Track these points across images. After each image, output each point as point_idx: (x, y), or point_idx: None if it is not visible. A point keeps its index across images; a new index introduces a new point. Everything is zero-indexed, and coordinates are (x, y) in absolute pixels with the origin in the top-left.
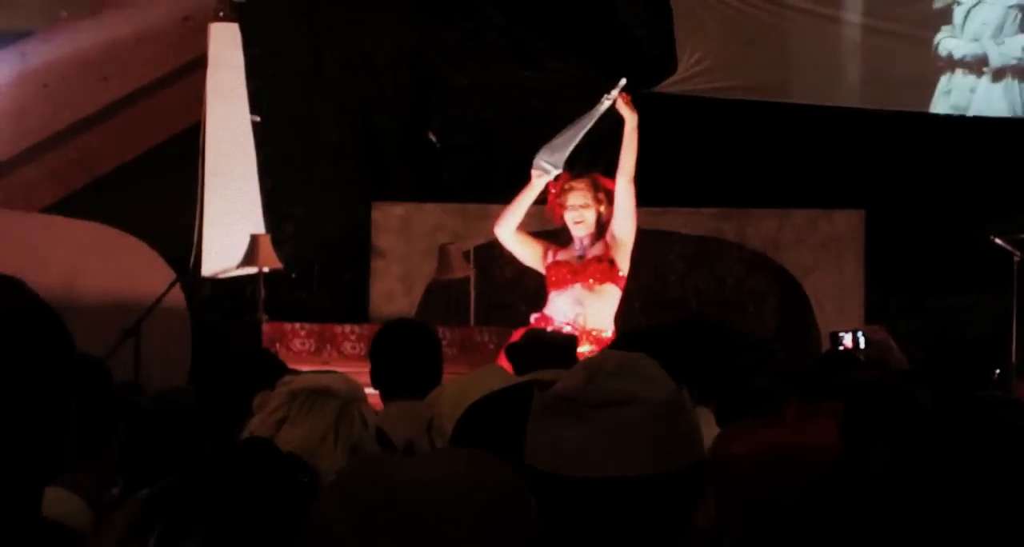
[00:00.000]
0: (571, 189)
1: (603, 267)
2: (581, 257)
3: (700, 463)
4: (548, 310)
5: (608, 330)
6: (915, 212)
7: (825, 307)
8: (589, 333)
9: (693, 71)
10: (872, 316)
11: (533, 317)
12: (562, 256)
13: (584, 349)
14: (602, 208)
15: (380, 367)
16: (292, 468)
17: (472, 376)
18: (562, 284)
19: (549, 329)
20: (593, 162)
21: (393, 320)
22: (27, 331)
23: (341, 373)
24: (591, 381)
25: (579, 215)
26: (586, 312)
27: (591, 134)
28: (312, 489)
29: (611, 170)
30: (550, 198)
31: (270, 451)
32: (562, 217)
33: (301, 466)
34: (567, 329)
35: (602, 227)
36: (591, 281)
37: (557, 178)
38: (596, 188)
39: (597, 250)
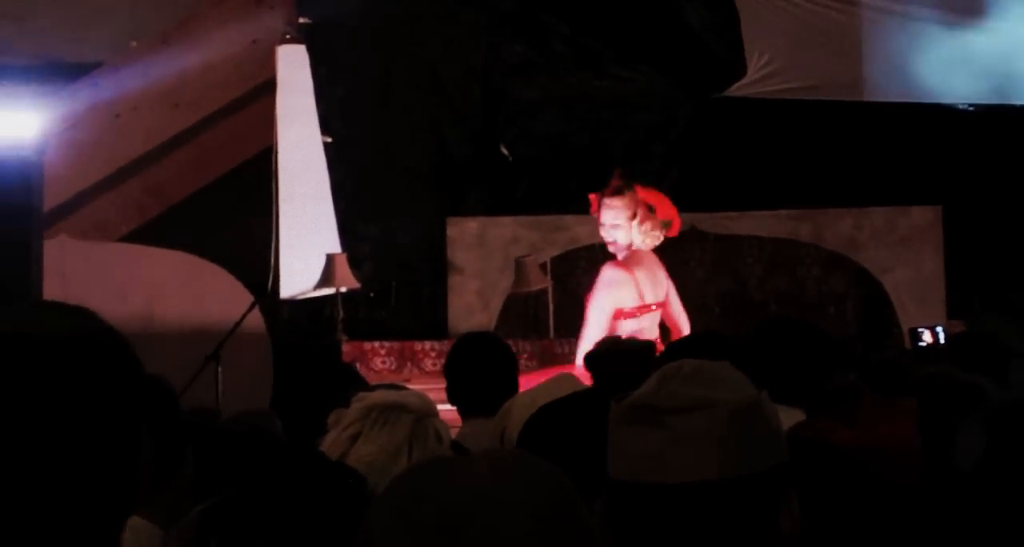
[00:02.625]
0: (606, 205)
1: (664, 299)
2: (652, 289)
3: (783, 465)
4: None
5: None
6: (993, 206)
7: (906, 305)
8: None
9: (762, 73)
10: (955, 312)
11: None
12: (642, 285)
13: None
14: (635, 223)
15: (455, 383)
16: (343, 478)
17: (543, 385)
18: (637, 315)
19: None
20: (662, 176)
21: (466, 335)
22: (95, 358)
23: (415, 390)
24: (665, 387)
25: (610, 235)
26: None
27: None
28: (364, 498)
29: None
30: (591, 209)
31: (321, 463)
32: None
33: (350, 475)
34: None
35: (641, 241)
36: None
37: (602, 190)
38: (634, 204)
39: (659, 277)
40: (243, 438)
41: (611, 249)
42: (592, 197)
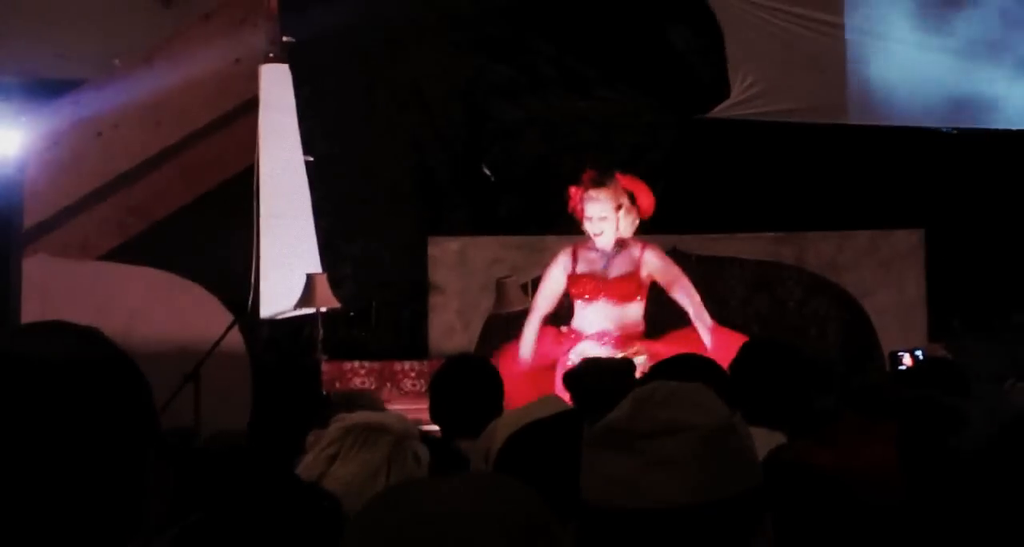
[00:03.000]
0: (591, 199)
1: (630, 288)
2: (605, 268)
3: (757, 489)
4: (577, 322)
5: (640, 325)
6: (975, 229)
7: (888, 328)
8: (622, 338)
9: (746, 95)
10: (936, 335)
11: (564, 329)
12: (584, 266)
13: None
14: (622, 214)
15: (440, 404)
16: (316, 500)
17: (528, 406)
18: (588, 296)
19: (595, 351)
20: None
21: (453, 357)
22: (105, 381)
23: (396, 411)
24: (638, 411)
25: (597, 227)
26: (616, 323)
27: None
28: (339, 521)
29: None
30: (571, 203)
31: (294, 485)
32: (578, 216)
33: (325, 497)
34: (602, 341)
35: (625, 229)
36: (617, 299)
37: (579, 179)
38: (618, 195)
39: (625, 264)
40: (219, 459)
41: (598, 243)
42: (572, 190)
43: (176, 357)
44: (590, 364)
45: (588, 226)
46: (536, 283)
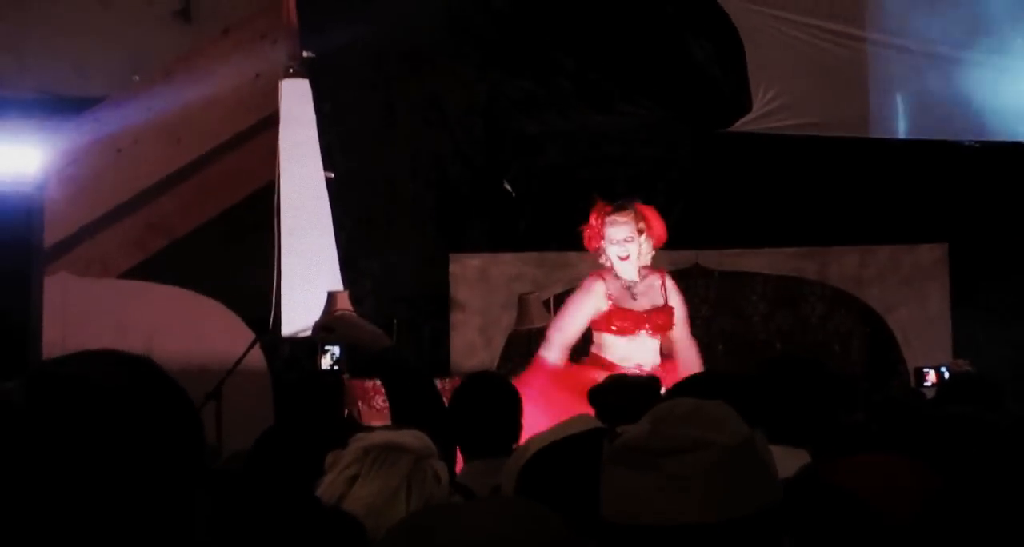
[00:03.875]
0: (614, 223)
1: (667, 318)
2: (636, 299)
3: (777, 506)
4: (611, 354)
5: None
6: (999, 243)
7: (912, 343)
8: (653, 372)
9: (768, 108)
10: (961, 351)
11: (586, 360)
12: (620, 298)
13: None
14: (643, 238)
15: (460, 423)
16: (340, 524)
17: (560, 425)
18: (628, 331)
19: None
20: (666, 211)
21: (471, 375)
22: (161, 410)
23: (415, 430)
24: (657, 428)
25: (624, 250)
26: (651, 356)
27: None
28: (363, 545)
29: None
30: (589, 230)
31: (316, 508)
32: (599, 249)
33: (348, 521)
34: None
35: (645, 256)
36: (655, 331)
37: (596, 208)
38: (638, 219)
39: (654, 295)
40: (241, 481)
41: (623, 270)
42: (595, 217)
43: (198, 375)
44: (615, 381)
45: (613, 250)
46: (559, 299)
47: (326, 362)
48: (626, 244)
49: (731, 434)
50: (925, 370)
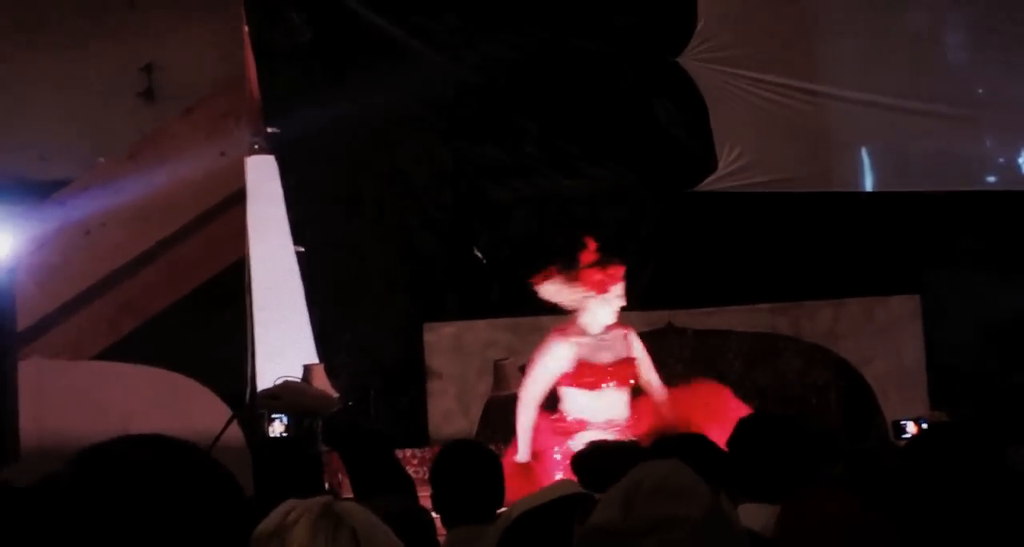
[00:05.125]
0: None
1: (634, 369)
2: (601, 354)
3: None
4: (574, 410)
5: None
6: (970, 292)
7: (889, 395)
8: (625, 427)
9: (733, 167)
10: (938, 402)
11: (567, 418)
12: (586, 352)
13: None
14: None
15: (440, 492)
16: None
17: (542, 491)
18: (596, 386)
19: (596, 435)
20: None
21: (449, 443)
22: (207, 498)
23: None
24: (629, 507)
25: (616, 309)
26: (620, 409)
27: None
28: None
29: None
30: (604, 277)
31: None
32: (591, 294)
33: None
34: (608, 429)
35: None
36: (622, 384)
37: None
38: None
39: (619, 346)
40: None
41: (605, 319)
42: (613, 270)
43: None
44: (597, 447)
45: (608, 306)
46: None
47: (275, 430)
48: (620, 304)
49: (699, 504)
50: (903, 422)
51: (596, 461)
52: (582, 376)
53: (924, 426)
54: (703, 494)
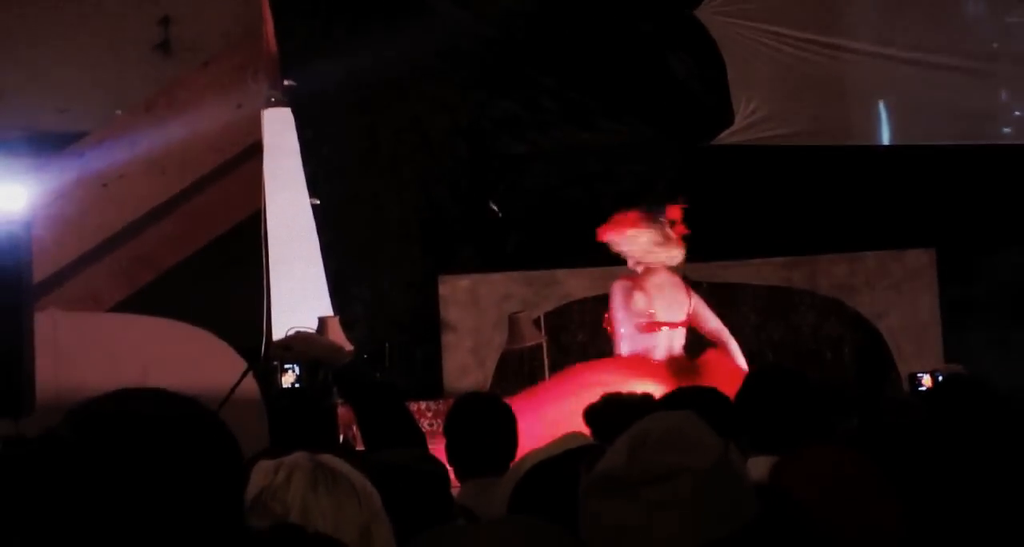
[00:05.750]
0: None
1: (688, 315)
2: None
3: (755, 521)
4: (640, 345)
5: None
6: (986, 247)
7: (903, 349)
8: (682, 358)
9: (750, 121)
10: (952, 355)
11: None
12: (642, 302)
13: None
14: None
15: (455, 444)
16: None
17: (552, 445)
18: (653, 328)
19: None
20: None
21: (463, 395)
22: (204, 449)
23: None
24: (635, 456)
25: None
26: (677, 344)
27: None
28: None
29: None
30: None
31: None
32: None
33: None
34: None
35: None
36: (677, 326)
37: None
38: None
39: (678, 293)
40: None
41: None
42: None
43: None
44: (611, 400)
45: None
46: (551, 317)
47: (287, 380)
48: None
49: (707, 454)
50: (919, 375)
51: (609, 413)
52: (638, 317)
53: (940, 379)
54: (711, 446)
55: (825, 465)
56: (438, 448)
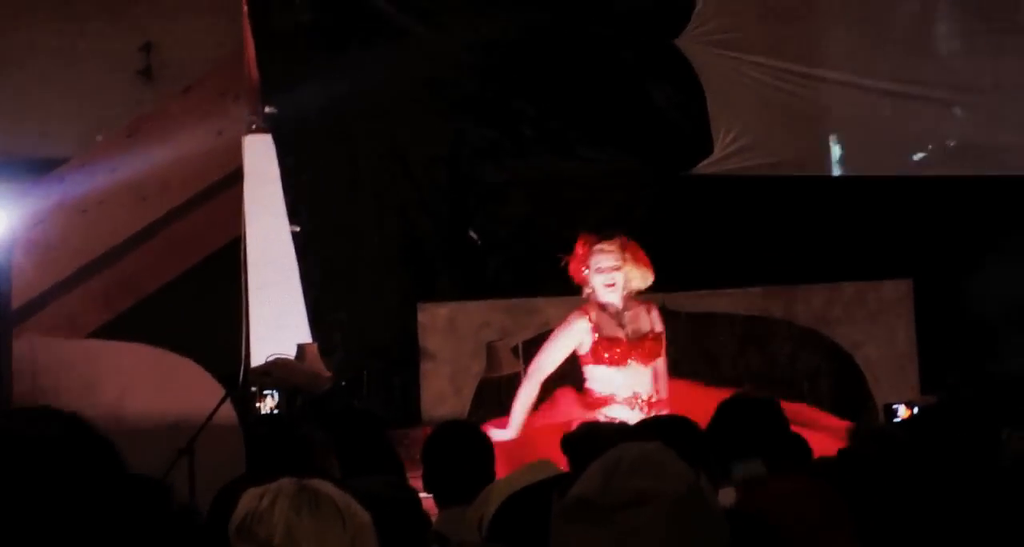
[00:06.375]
0: (601, 250)
1: (657, 345)
2: (624, 329)
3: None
4: (602, 387)
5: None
6: (963, 276)
7: (880, 380)
8: (650, 402)
9: (729, 150)
10: (928, 386)
11: (593, 394)
12: (608, 330)
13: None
14: (627, 267)
15: (432, 472)
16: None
17: (520, 472)
18: (619, 362)
19: (621, 409)
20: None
21: (442, 424)
22: (77, 461)
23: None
24: (609, 481)
25: (610, 277)
26: (645, 385)
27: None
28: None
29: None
30: (575, 260)
31: None
32: (585, 279)
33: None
34: (628, 406)
35: (629, 283)
36: (645, 361)
37: (581, 238)
38: (623, 248)
39: (642, 322)
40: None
41: (607, 297)
42: (581, 246)
43: (169, 433)
44: (587, 429)
45: (599, 279)
46: (529, 346)
47: (266, 406)
48: (613, 273)
49: (678, 482)
50: (895, 406)
51: (586, 442)
52: (605, 350)
53: (916, 410)
54: (682, 473)
55: (789, 495)
56: (416, 476)
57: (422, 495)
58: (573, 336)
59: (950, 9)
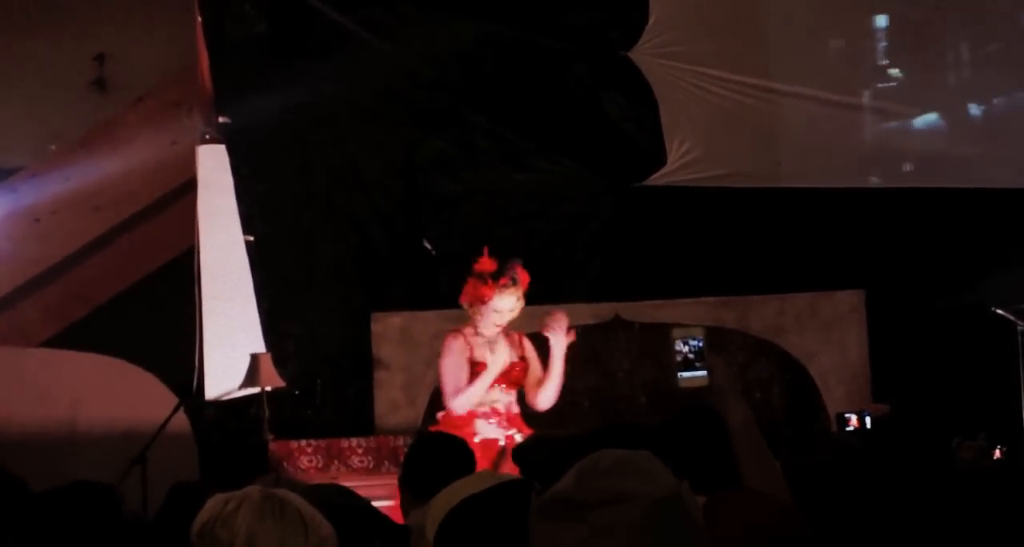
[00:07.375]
0: (503, 296)
1: (522, 374)
2: (494, 355)
3: None
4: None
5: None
6: (915, 288)
7: (832, 389)
8: (510, 416)
9: (682, 161)
10: (880, 396)
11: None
12: (479, 354)
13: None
14: (519, 304)
15: (414, 476)
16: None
17: (462, 482)
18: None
19: (486, 429)
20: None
21: (426, 434)
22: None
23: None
24: (584, 481)
25: (502, 318)
26: (504, 407)
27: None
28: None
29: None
30: (475, 296)
31: None
32: (478, 305)
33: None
34: (489, 420)
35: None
36: (510, 386)
37: (484, 274)
38: (520, 288)
39: (513, 350)
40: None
41: (490, 330)
42: (488, 290)
43: (122, 441)
44: (538, 439)
45: (494, 317)
46: None
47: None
48: (508, 314)
49: (658, 485)
50: (847, 415)
51: (538, 453)
52: (475, 376)
53: (867, 419)
54: (665, 477)
55: (743, 509)
56: (373, 485)
57: (378, 504)
58: (459, 354)
59: (898, 23)
